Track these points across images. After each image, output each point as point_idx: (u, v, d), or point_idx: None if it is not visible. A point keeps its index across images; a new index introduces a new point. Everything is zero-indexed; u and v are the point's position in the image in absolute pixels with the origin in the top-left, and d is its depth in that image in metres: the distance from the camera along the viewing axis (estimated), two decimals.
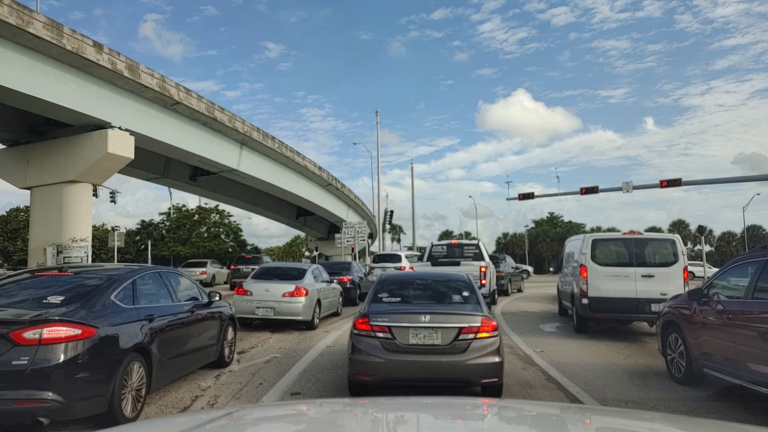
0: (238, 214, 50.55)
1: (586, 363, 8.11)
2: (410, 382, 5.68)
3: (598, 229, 63.93)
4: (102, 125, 18.44)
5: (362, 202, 47.32)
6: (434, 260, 15.82)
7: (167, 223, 49.54)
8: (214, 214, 48.67)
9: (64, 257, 18.03)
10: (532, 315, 15.01)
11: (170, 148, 22.70)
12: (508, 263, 24.71)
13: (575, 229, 72.72)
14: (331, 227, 45.20)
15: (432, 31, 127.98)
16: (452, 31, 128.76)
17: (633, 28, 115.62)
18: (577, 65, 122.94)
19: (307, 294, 11.63)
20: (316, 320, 12.03)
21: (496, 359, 5.58)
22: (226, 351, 7.75)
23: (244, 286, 11.96)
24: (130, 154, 19.32)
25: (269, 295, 11.56)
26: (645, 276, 10.51)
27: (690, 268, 12.06)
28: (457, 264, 15.09)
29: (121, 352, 4.99)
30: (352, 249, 31.67)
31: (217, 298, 7.58)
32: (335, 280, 15.15)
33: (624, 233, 11.15)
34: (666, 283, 10.31)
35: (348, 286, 17.04)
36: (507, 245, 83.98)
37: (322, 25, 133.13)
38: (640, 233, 11.14)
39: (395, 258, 25.33)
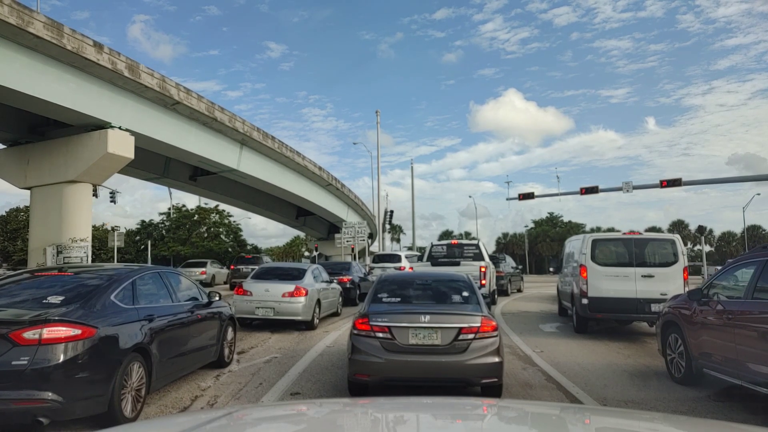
0: (237, 214, 50.61)
1: (586, 363, 8.11)
2: (410, 382, 5.68)
3: (598, 229, 63.96)
4: (102, 125, 18.43)
5: (362, 202, 47.29)
6: (434, 260, 15.81)
7: (167, 223, 49.54)
8: (213, 214, 48.67)
9: (64, 257, 18.02)
10: (531, 315, 15.01)
11: (170, 148, 22.68)
12: (508, 263, 24.71)
13: (575, 229, 72.82)
14: (331, 227, 45.16)
15: (434, 31, 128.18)
16: (454, 31, 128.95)
17: (635, 27, 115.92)
18: (579, 65, 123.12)
19: (306, 294, 11.62)
20: (316, 320, 12.02)
21: (496, 359, 5.58)
22: (226, 351, 7.75)
23: (244, 286, 11.96)
24: (130, 154, 19.31)
25: (269, 296, 11.56)
26: (645, 276, 10.50)
27: None
28: (457, 264, 15.08)
29: (120, 352, 4.98)
30: (352, 249, 31.66)
31: (217, 298, 7.57)
32: (335, 280, 15.15)
33: (624, 233, 11.14)
34: (666, 283, 10.30)
35: (348, 286, 17.03)
36: (507, 245, 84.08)
37: (324, 25, 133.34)
38: (640, 233, 11.12)
39: (395, 258, 25.32)
